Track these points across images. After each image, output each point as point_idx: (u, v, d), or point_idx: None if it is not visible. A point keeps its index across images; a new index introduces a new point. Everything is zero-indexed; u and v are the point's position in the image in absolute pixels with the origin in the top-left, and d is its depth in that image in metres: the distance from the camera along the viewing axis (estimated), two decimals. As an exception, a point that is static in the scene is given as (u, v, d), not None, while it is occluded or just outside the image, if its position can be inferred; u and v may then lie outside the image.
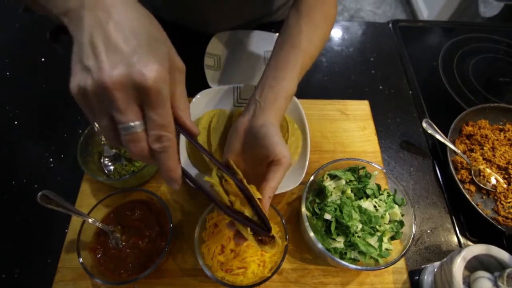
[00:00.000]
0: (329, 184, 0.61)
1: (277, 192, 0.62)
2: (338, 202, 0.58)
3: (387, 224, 0.58)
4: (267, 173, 0.48)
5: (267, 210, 0.46)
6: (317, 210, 0.58)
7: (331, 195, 0.59)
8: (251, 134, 0.52)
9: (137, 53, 0.30)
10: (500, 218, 0.66)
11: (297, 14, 0.61)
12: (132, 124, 0.32)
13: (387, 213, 0.58)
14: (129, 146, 0.33)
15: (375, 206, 0.59)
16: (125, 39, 0.31)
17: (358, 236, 0.55)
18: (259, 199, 0.46)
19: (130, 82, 0.30)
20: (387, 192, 0.61)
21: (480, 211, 0.64)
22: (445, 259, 0.54)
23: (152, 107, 0.32)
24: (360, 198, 0.60)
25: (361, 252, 0.55)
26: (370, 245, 0.55)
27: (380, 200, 0.60)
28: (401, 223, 0.58)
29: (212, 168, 0.52)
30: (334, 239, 0.56)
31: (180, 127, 0.38)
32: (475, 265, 0.52)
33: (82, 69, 0.31)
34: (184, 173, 0.38)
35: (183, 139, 0.69)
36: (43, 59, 0.89)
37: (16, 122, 0.78)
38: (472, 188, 0.70)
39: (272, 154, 0.48)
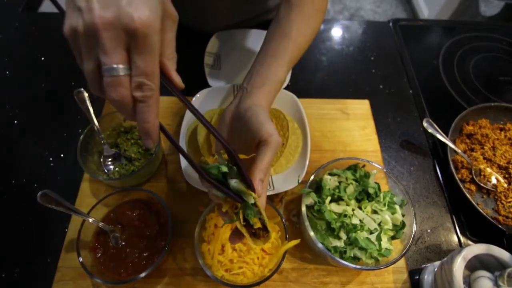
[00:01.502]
0: (326, 177, 0.61)
1: (278, 191, 0.63)
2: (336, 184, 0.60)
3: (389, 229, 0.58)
4: (256, 155, 0.45)
5: (259, 192, 0.43)
6: (317, 207, 0.58)
7: (328, 188, 0.60)
8: (237, 120, 0.51)
9: None
10: (500, 218, 0.66)
11: (288, 6, 0.61)
12: (115, 66, 0.31)
13: (389, 218, 0.58)
14: (110, 91, 0.32)
15: (375, 211, 0.59)
16: None
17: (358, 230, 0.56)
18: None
19: (119, 23, 0.30)
20: (390, 195, 0.61)
21: (481, 210, 0.64)
22: (445, 259, 0.54)
23: (138, 52, 0.31)
24: (361, 200, 0.60)
25: (361, 248, 0.55)
26: (370, 240, 0.55)
27: (380, 202, 0.59)
28: (403, 225, 0.58)
29: (203, 155, 0.49)
30: (337, 236, 0.56)
31: (164, 76, 0.36)
32: (475, 264, 0.52)
33: (74, 9, 0.31)
34: (162, 129, 0.37)
35: (184, 129, 0.69)
36: (43, 59, 0.89)
37: (16, 122, 0.78)
38: (473, 187, 0.70)
39: (258, 134, 0.46)
